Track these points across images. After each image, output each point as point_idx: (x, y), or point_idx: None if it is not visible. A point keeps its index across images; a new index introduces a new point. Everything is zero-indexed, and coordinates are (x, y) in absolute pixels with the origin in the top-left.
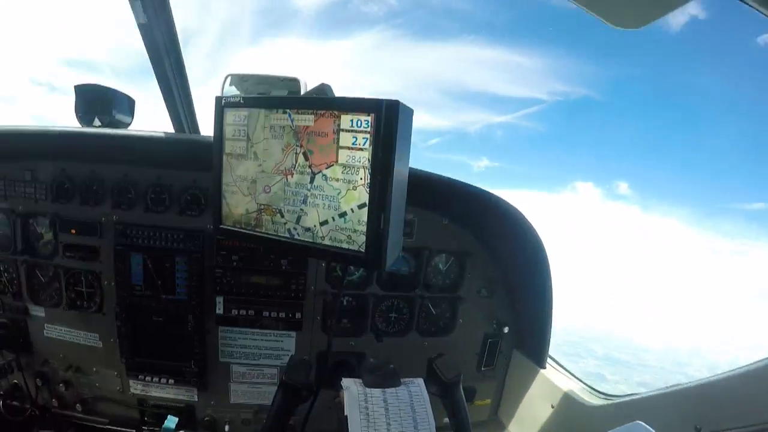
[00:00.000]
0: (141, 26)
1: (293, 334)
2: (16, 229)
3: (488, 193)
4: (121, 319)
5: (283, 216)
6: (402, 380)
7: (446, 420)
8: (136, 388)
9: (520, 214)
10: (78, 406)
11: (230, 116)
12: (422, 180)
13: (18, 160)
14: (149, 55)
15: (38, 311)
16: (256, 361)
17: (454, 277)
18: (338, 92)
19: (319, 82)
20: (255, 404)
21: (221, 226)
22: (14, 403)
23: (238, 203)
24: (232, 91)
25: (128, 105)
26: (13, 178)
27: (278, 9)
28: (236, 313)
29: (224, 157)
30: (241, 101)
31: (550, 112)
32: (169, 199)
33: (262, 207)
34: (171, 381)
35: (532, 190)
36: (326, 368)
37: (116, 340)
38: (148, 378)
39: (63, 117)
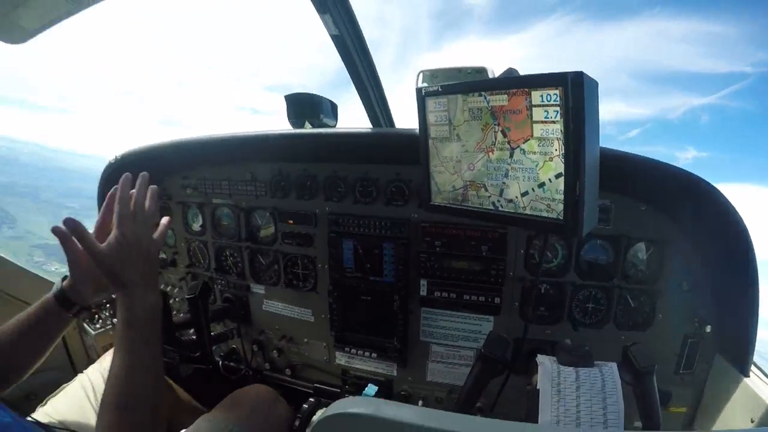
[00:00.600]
0: (334, 37)
1: (491, 318)
2: (240, 221)
3: (693, 175)
4: (333, 297)
5: (487, 190)
6: (595, 362)
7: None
8: (341, 359)
9: (730, 204)
10: (287, 371)
11: (431, 104)
12: (618, 160)
13: (240, 163)
14: (344, 62)
15: (259, 289)
16: (454, 343)
17: (653, 267)
18: None
19: (506, 68)
20: (449, 384)
21: (431, 203)
22: (231, 363)
23: (445, 182)
24: (425, 82)
25: (332, 109)
26: (237, 178)
27: (451, 10)
28: (438, 295)
29: (430, 142)
30: (439, 89)
31: (758, 86)
32: (375, 191)
33: (468, 183)
34: (374, 355)
35: (744, 183)
36: (521, 354)
37: (327, 316)
38: (353, 351)
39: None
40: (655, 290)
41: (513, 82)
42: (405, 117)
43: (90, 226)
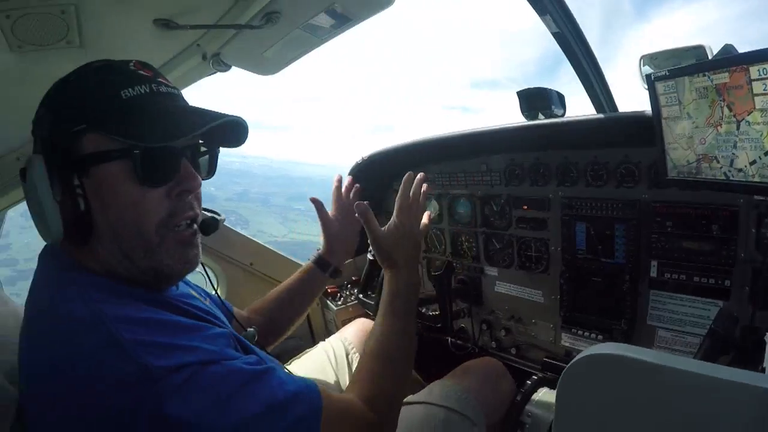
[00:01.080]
0: (555, 35)
1: (720, 303)
2: (476, 209)
3: None
4: (564, 279)
5: (718, 162)
6: None
7: None
8: (566, 340)
9: None
10: (512, 350)
11: (660, 87)
12: None
13: (475, 156)
14: (567, 56)
15: (492, 271)
16: (681, 328)
17: None
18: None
19: (723, 44)
20: None
21: (668, 177)
22: (458, 341)
23: (679, 157)
24: (647, 70)
25: (560, 99)
26: (472, 170)
27: None
28: (668, 276)
29: (663, 122)
30: (667, 73)
31: None
32: (606, 174)
33: (700, 156)
34: (600, 337)
35: None
36: (749, 341)
37: (557, 297)
38: (579, 332)
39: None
40: None
41: (730, 61)
42: (619, 96)
43: (314, 222)
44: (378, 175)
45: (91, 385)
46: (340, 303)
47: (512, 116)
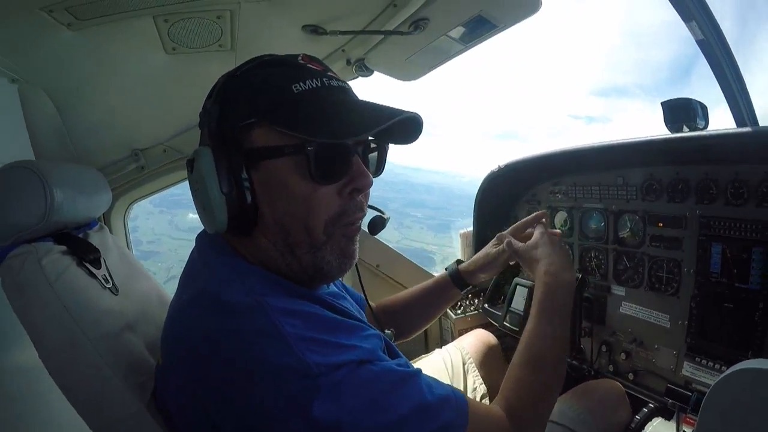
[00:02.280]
0: (699, 42)
1: None
2: (609, 224)
3: None
4: (695, 302)
5: None
6: None
7: None
8: (687, 369)
9: None
10: (630, 375)
11: None
12: None
13: (611, 168)
14: (710, 65)
15: (619, 290)
16: None
17: None
18: None
19: None
20: None
21: None
22: (574, 362)
23: None
24: None
25: (702, 111)
26: (607, 183)
27: None
28: None
29: None
30: None
31: None
32: (747, 192)
33: None
34: (723, 368)
35: None
36: None
37: (684, 322)
38: (702, 361)
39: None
40: None
41: None
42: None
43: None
44: (511, 184)
45: (249, 370)
46: (459, 312)
47: (641, 128)
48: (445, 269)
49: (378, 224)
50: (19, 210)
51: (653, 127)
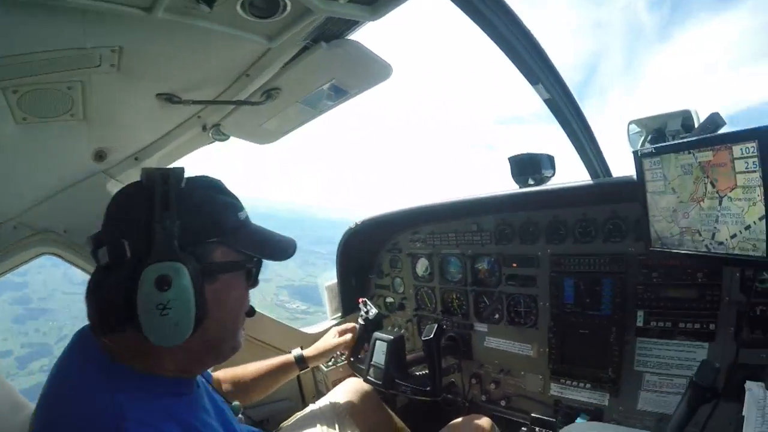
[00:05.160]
0: (546, 101)
1: (705, 345)
2: (467, 267)
3: None
4: (553, 332)
5: (700, 235)
6: None
7: None
8: (555, 390)
9: None
10: (502, 402)
11: (647, 163)
12: None
13: (466, 216)
14: (558, 121)
15: (482, 327)
16: (668, 371)
17: None
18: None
19: (709, 113)
20: (659, 413)
21: (651, 249)
22: (449, 396)
23: (663, 229)
24: (634, 129)
25: (550, 162)
26: (463, 230)
27: None
28: (654, 324)
29: (648, 195)
30: (653, 151)
31: None
32: (594, 230)
33: (684, 229)
34: (588, 386)
35: None
36: (732, 381)
37: (546, 350)
38: (567, 382)
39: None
40: None
41: (715, 140)
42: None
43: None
44: (372, 236)
45: None
46: (330, 364)
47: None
48: (289, 351)
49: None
50: None
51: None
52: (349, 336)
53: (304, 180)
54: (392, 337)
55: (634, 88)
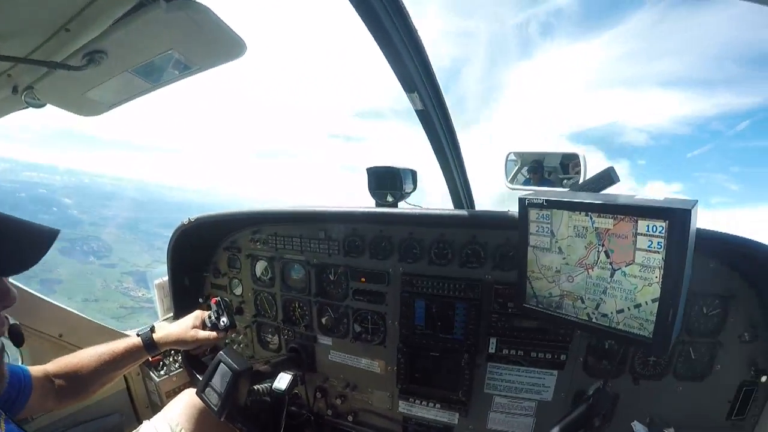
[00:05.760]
0: (418, 112)
1: (555, 372)
2: (311, 277)
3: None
4: (402, 353)
5: (584, 302)
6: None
7: None
8: (403, 407)
9: None
10: (349, 417)
11: (533, 214)
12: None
13: (314, 222)
14: (428, 137)
15: (326, 340)
16: (517, 395)
17: (716, 321)
18: (622, 90)
19: (605, 167)
20: None
21: (524, 305)
22: (293, 408)
23: (542, 288)
24: (512, 158)
25: (412, 177)
26: (309, 236)
27: (539, 14)
28: (506, 352)
29: (530, 249)
30: (544, 203)
31: None
32: (451, 253)
33: (565, 293)
34: (438, 405)
35: None
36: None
37: (394, 369)
38: (417, 401)
39: (360, 163)
40: (716, 342)
41: (622, 210)
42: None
43: None
44: (207, 235)
45: None
46: (163, 373)
47: (395, 149)
48: (137, 334)
49: (18, 334)
50: None
51: (400, 148)
52: (213, 335)
53: (161, 158)
54: (239, 369)
55: (490, 99)
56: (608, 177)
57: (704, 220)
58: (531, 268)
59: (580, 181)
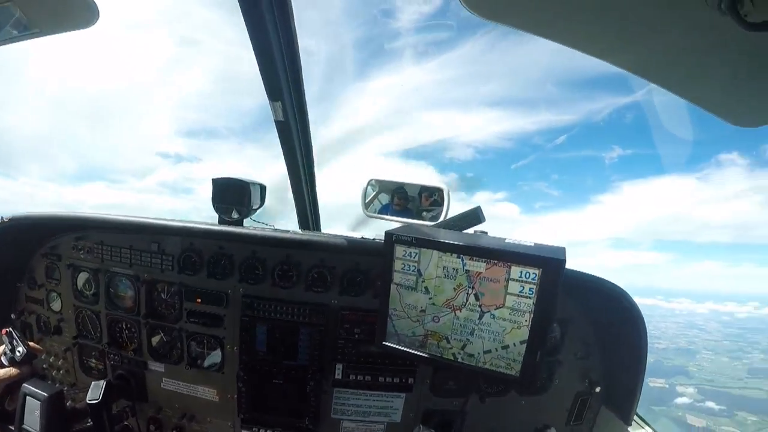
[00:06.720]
0: (277, 123)
1: (403, 395)
2: (141, 294)
3: (594, 277)
4: (242, 381)
5: (449, 342)
6: None
7: None
8: None
9: (621, 290)
10: None
11: (400, 251)
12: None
13: (145, 233)
14: (283, 149)
15: (158, 367)
16: (365, 418)
17: (554, 342)
18: (453, 108)
19: (473, 206)
20: None
21: (384, 343)
22: None
23: (404, 327)
24: (372, 184)
25: (260, 193)
26: (140, 248)
27: (378, 37)
28: (353, 378)
29: (392, 286)
30: (414, 241)
31: None
32: (296, 275)
33: (430, 333)
34: None
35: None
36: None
37: (234, 397)
38: (261, 430)
39: (196, 183)
40: (555, 360)
41: (496, 255)
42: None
43: None
44: (23, 238)
45: None
46: None
47: (231, 169)
48: None
49: None
50: None
51: (240, 169)
52: (12, 371)
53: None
54: (47, 395)
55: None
56: (475, 216)
57: (531, 225)
58: (393, 305)
59: (442, 216)
